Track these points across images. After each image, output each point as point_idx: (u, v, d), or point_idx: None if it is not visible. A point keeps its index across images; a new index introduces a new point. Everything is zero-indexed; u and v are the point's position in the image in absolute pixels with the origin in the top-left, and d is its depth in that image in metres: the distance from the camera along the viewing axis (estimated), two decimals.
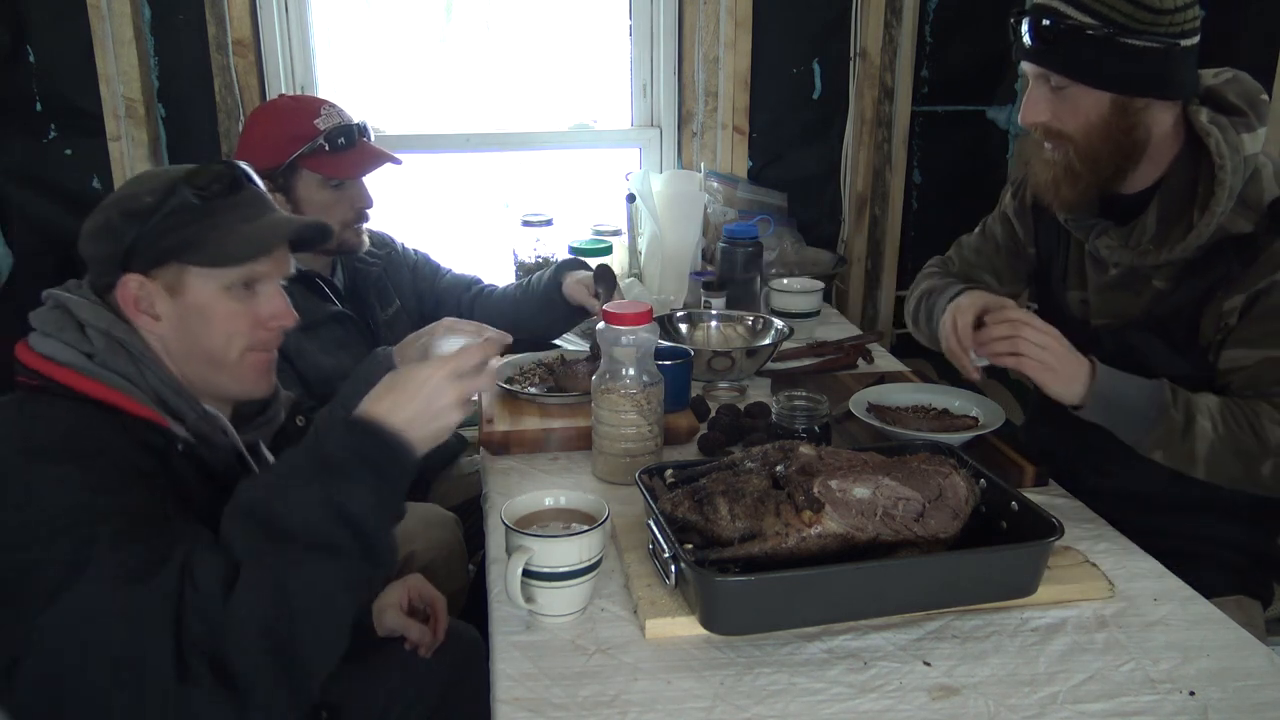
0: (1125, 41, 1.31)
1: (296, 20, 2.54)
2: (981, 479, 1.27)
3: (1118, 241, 1.47)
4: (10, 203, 2.49)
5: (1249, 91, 1.39)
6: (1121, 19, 1.30)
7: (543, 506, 1.22)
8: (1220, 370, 1.41)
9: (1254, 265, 1.36)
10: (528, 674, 1.08)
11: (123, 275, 1.13)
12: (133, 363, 1.12)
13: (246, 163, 1.55)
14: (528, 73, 2.83)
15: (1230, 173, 1.34)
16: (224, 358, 1.17)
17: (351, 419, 1.03)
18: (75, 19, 2.35)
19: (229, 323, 1.16)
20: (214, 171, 1.16)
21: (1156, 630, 1.16)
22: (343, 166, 1.78)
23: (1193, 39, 1.34)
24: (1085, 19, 1.31)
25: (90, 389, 1.08)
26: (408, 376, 1.07)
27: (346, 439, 1.01)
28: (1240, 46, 2.33)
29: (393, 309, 1.96)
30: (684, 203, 2.49)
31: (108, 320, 1.12)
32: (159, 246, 1.13)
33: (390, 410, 1.04)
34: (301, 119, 1.77)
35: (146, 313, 1.14)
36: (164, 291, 1.14)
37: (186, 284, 1.15)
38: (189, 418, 1.14)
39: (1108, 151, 1.40)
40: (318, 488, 0.98)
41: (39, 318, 1.14)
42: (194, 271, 1.14)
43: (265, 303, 1.20)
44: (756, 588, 1.09)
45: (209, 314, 1.15)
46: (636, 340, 1.45)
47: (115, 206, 1.15)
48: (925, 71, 2.79)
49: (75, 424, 1.05)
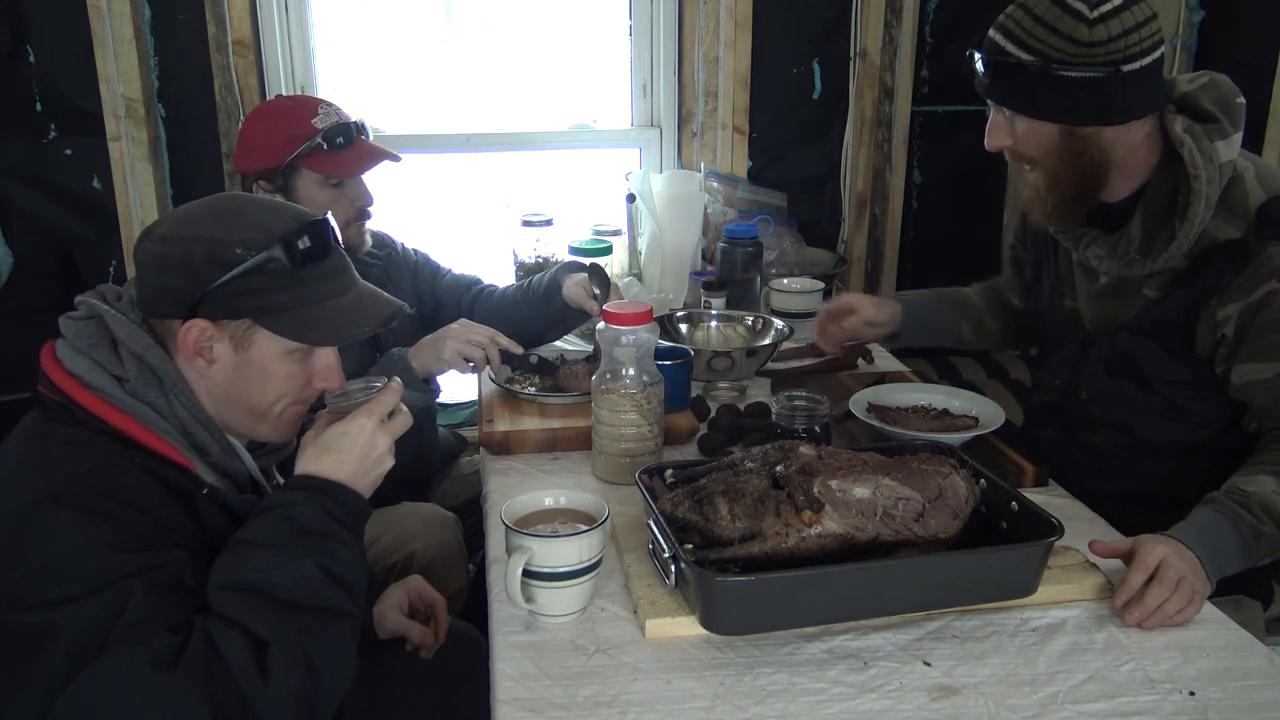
0: (1060, 74, 1.33)
1: (296, 20, 2.54)
2: (981, 479, 1.27)
3: (1105, 251, 1.48)
4: (10, 203, 2.49)
5: (1224, 96, 1.39)
6: (1053, 52, 1.33)
7: (543, 506, 1.22)
8: (1235, 386, 1.40)
9: (1245, 271, 1.36)
10: (528, 674, 1.08)
11: (189, 318, 1.09)
12: (163, 394, 1.09)
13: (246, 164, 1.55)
14: (528, 73, 2.83)
15: (1205, 182, 1.34)
16: (268, 412, 1.16)
17: (309, 481, 1.06)
18: (75, 19, 2.35)
19: (285, 384, 1.15)
20: (312, 231, 1.12)
21: (1156, 630, 1.16)
22: (342, 165, 1.78)
23: (1140, 61, 1.33)
24: (1021, 54, 1.35)
25: (117, 421, 1.05)
26: (340, 433, 1.09)
27: (316, 506, 1.04)
28: (1240, 46, 2.34)
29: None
30: (684, 203, 2.49)
31: (144, 344, 1.09)
32: (244, 302, 1.09)
33: (335, 468, 1.07)
34: (299, 118, 1.77)
35: (203, 355, 1.11)
36: (228, 342, 1.11)
37: (254, 341, 1.12)
38: (212, 452, 1.13)
39: (1067, 174, 1.42)
40: (310, 559, 1.01)
41: (71, 328, 1.10)
42: (266, 333, 1.12)
43: (320, 364, 1.18)
44: (756, 588, 1.09)
45: (268, 373, 1.13)
46: (636, 340, 1.45)
47: (200, 244, 1.09)
48: (925, 71, 2.79)
49: (102, 464, 1.02)
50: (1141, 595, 1.17)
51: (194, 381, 1.12)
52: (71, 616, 0.93)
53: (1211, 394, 1.45)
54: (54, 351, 1.10)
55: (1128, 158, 1.42)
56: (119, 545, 0.97)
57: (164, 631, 0.95)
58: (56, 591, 0.94)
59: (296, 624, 0.97)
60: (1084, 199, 1.45)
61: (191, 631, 0.95)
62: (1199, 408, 1.47)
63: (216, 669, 0.93)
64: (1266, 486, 1.28)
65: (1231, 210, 1.37)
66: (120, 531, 0.98)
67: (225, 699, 0.92)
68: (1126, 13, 1.32)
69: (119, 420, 1.06)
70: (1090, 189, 1.44)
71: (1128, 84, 1.34)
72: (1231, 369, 1.40)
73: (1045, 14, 1.33)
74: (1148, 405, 1.50)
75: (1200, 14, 2.46)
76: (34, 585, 0.95)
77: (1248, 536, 1.25)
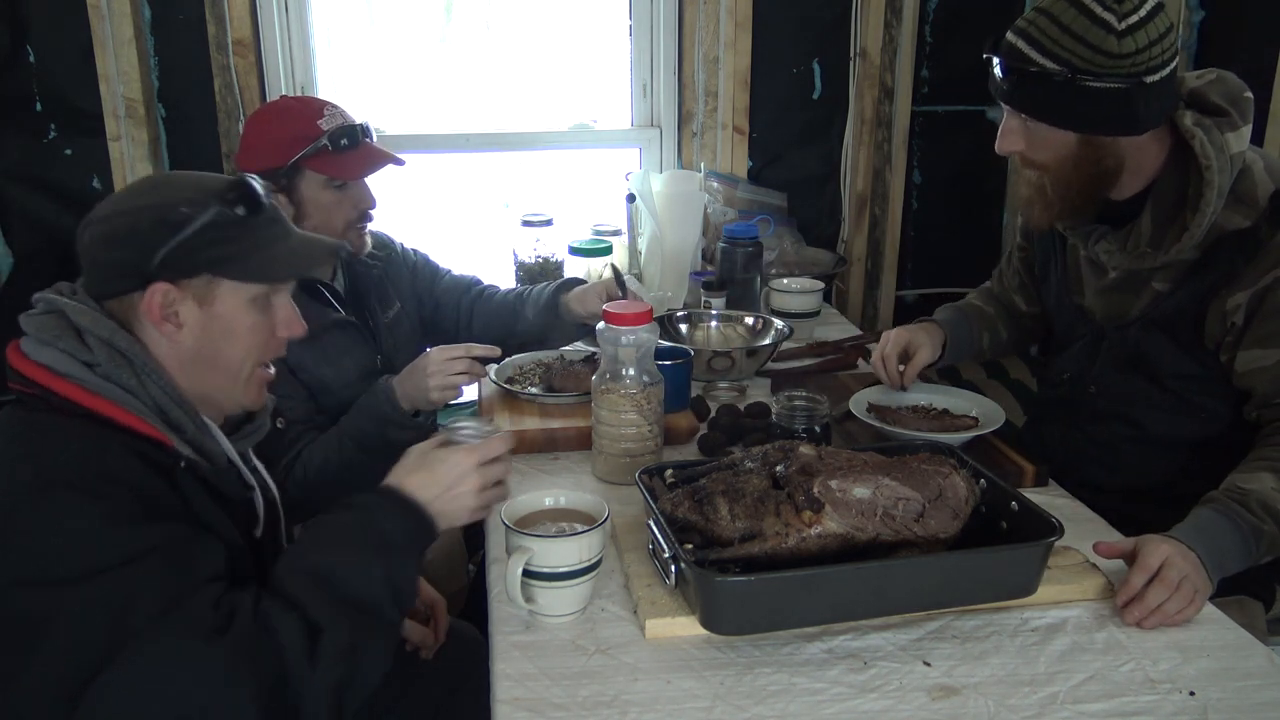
0: (1086, 84, 1.33)
1: (296, 20, 2.54)
2: (981, 479, 1.27)
3: (1115, 246, 1.48)
4: (10, 203, 2.48)
5: (1232, 91, 1.40)
6: (1081, 63, 1.33)
7: (543, 506, 1.22)
8: (1239, 373, 1.40)
9: (1256, 260, 1.36)
10: (528, 674, 1.08)
11: (150, 283, 1.10)
12: (134, 375, 1.10)
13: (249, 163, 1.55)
14: (528, 73, 2.83)
15: (1217, 173, 1.35)
16: (239, 371, 1.18)
17: (404, 499, 1.10)
18: (75, 19, 2.34)
19: (251, 335, 1.17)
20: (243, 186, 1.15)
21: (1156, 630, 1.16)
22: (347, 167, 1.78)
23: (1161, 72, 1.34)
24: (1047, 63, 1.34)
25: (93, 404, 1.06)
26: (440, 458, 1.14)
27: (402, 521, 1.09)
28: (1240, 46, 2.34)
29: (393, 311, 1.95)
30: (684, 203, 2.48)
31: (109, 329, 1.10)
32: (200, 257, 1.11)
33: (419, 487, 1.11)
34: (305, 120, 1.76)
35: (170, 320, 1.12)
36: (193, 300, 1.13)
37: (217, 295, 1.14)
38: (188, 429, 1.13)
39: (1079, 180, 1.43)
40: (381, 567, 1.05)
41: (32, 323, 1.11)
42: (227, 285, 1.14)
43: (280, 314, 1.21)
44: (756, 588, 1.09)
45: (235, 327, 1.15)
46: (636, 340, 1.45)
47: (142, 214, 1.11)
48: (925, 71, 2.79)
49: (86, 448, 1.03)
50: (1142, 595, 1.17)
51: (164, 357, 1.13)
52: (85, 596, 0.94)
53: (1220, 388, 1.45)
54: (19, 348, 1.10)
55: (1139, 157, 1.42)
56: (119, 520, 0.99)
57: (205, 606, 0.97)
58: (63, 570, 0.95)
59: (351, 620, 1.01)
60: (1091, 201, 1.46)
61: (237, 608, 0.98)
62: (1207, 402, 1.48)
63: (266, 646, 0.96)
64: (1266, 484, 1.28)
65: (1241, 200, 1.38)
66: (118, 508, 1.00)
67: (270, 676, 0.95)
68: (1151, 24, 1.32)
69: (94, 403, 1.07)
70: (1099, 191, 1.45)
71: (1150, 95, 1.35)
72: (1236, 356, 1.40)
73: (1072, 23, 1.33)
74: (1156, 400, 1.51)
75: (1200, 14, 2.46)
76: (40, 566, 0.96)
77: (1248, 535, 1.25)
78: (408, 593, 1.08)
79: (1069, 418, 1.63)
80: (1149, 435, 1.53)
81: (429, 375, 1.64)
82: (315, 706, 0.97)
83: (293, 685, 0.96)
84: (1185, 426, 1.50)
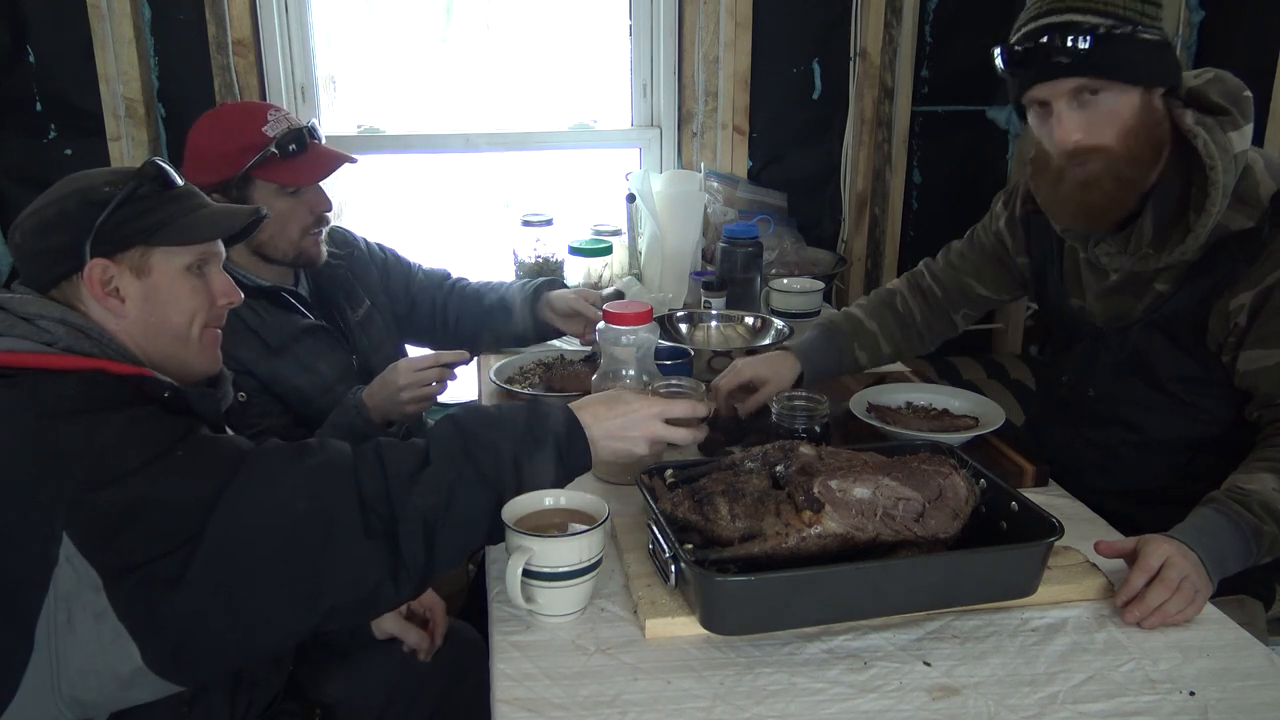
0: (1143, 36, 1.33)
1: (296, 20, 2.54)
2: (981, 479, 1.27)
3: (1116, 248, 1.47)
4: (10, 203, 2.49)
5: (1231, 89, 1.39)
6: (1136, 15, 1.32)
7: (543, 506, 1.22)
8: (1240, 374, 1.40)
9: (1259, 260, 1.36)
10: (527, 674, 1.08)
11: (87, 261, 1.13)
12: (95, 345, 1.12)
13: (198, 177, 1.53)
14: (528, 73, 2.83)
15: (1221, 172, 1.34)
16: (188, 334, 1.21)
17: (572, 419, 1.18)
18: (75, 19, 2.35)
19: (192, 299, 1.21)
20: (156, 166, 1.21)
21: (1156, 630, 1.16)
22: (299, 172, 1.71)
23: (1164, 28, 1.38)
24: (1106, 21, 1.32)
25: (67, 363, 1.07)
26: (620, 398, 1.23)
27: (557, 431, 1.16)
28: (1240, 46, 2.34)
29: (363, 309, 1.90)
30: (684, 203, 2.49)
31: (59, 311, 1.12)
32: (129, 229, 1.16)
33: (593, 420, 1.18)
34: (249, 128, 1.69)
35: (113, 295, 1.15)
36: (130, 273, 1.16)
37: (151, 265, 1.18)
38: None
39: (1147, 151, 1.38)
40: (514, 447, 1.12)
41: None
42: (159, 253, 1.18)
43: (216, 281, 1.25)
44: (756, 588, 1.09)
45: (174, 291, 1.19)
46: (636, 340, 1.45)
47: (68, 200, 1.16)
48: (925, 71, 2.79)
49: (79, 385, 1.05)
50: (1143, 595, 1.17)
51: (116, 333, 1.16)
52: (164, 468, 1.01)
53: (1220, 390, 1.45)
54: None
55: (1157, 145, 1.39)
56: (144, 420, 1.05)
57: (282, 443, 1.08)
58: (129, 463, 1.00)
59: (459, 468, 1.08)
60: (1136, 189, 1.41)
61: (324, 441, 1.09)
62: (1208, 405, 1.47)
63: (369, 467, 1.05)
64: (1266, 485, 1.28)
65: (1244, 200, 1.37)
66: (138, 413, 1.06)
67: (370, 483, 1.04)
68: None
69: (71, 362, 1.08)
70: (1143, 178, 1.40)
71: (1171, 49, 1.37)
72: (1238, 356, 1.39)
73: None
74: (1156, 402, 1.50)
75: (1200, 14, 2.46)
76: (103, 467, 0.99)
77: (1248, 535, 1.25)
78: (527, 485, 1.14)
79: (1068, 420, 1.63)
80: (1149, 438, 1.53)
81: (401, 389, 1.62)
82: (411, 528, 1.03)
83: (392, 504, 1.03)
84: (1185, 429, 1.50)
